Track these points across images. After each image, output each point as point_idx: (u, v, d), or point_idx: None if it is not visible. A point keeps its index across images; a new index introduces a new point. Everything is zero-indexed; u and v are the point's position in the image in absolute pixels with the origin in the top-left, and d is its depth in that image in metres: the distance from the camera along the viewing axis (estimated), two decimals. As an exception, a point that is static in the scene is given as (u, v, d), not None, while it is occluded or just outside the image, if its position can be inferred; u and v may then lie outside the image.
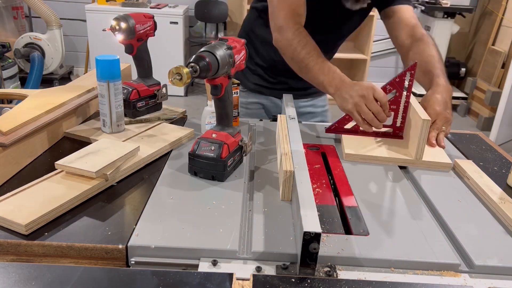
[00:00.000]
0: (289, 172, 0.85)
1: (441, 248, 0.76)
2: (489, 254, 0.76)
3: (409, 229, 0.81)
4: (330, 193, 0.93)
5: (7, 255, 0.73)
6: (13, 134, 0.94)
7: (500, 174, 1.06)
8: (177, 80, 0.80)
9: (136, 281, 0.65)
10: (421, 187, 0.98)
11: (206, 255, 0.72)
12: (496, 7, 4.19)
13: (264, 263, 0.72)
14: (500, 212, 0.88)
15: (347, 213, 0.86)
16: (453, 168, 1.08)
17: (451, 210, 0.89)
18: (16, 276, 0.64)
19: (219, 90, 0.93)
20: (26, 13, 4.35)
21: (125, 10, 3.93)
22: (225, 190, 0.91)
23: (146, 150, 1.02)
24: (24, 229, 0.74)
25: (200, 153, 0.93)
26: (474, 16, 4.53)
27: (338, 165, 1.06)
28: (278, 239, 0.76)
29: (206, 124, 1.17)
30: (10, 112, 1.04)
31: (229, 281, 0.65)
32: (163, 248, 0.73)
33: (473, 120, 4.18)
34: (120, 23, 1.12)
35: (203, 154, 0.93)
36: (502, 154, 1.20)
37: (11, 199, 0.80)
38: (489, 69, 4.10)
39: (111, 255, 0.73)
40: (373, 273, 0.71)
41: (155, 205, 0.84)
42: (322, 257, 0.71)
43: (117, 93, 1.08)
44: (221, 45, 0.89)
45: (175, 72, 0.80)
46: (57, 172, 0.90)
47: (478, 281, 0.71)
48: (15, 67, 3.60)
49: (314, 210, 0.72)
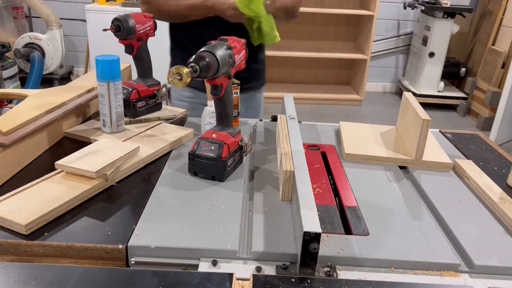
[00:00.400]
0: (289, 172, 0.85)
1: (441, 248, 0.76)
2: (489, 254, 0.76)
3: (409, 229, 0.81)
4: (330, 193, 0.93)
5: (7, 255, 0.73)
6: (13, 134, 0.94)
7: (500, 174, 1.06)
8: (177, 80, 0.80)
9: (136, 281, 0.65)
10: (421, 187, 0.98)
11: (206, 255, 0.72)
12: (496, 7, 4.19)
13: (264, 263, 0.72)
14: (500, 212, 0.88)
15: (347, 213, 0.86)
16: (453, 168, 1.08)
17: (451, 210, 0.89)
18: (16, 276, 0.64)
19: (219, 90, 0.93)
20: (26, 13, 4.35)
21: (125, 10, 3.93)
22: (225, 190, 0.91)
23: (146, 150, 1.02)
24: (24, 229, 0.74)
25: (200, 153, 0.93)
26: (474, 16, 4.53)
27: (338, 165, 1.06)
28: (278, 239, 0.76)
29: (206, 124, 1.17)
30: (10, 112, 1.04)
31: (229, 281, 0.65)
32: (163, 248, 0.73)
33: (473, 120, 4.17)
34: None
35: (203, 154, 0.93)
36: (502, 154, 1.20)
37: (11, 199, 0.80)
38: (489, 69, 4.10)
39: (111, 255, 0.73)
40: (373, 273, 0.71)
41: (155, 205, 0.84)
42: (322, 257, 0.71)
43: (117, 93, 1.08)
44: (221, 45, 0.89)
45: (175, 72, 0.80)
46: (57, 172, 0.90)
47: (478, 281, 0.71)
48: (15, 67, 3.60)
49: (314, 210, 0.72)
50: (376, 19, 4.17)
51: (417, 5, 4.26)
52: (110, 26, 1.14)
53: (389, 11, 4.60)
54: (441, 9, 4.07)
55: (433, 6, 4.08)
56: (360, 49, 4.50)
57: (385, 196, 0.93)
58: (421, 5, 4.19)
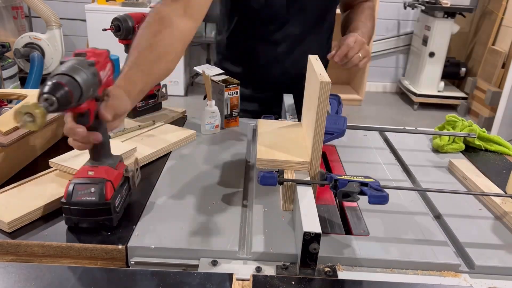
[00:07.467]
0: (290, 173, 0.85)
1: (441, 248, 0.76)
2: (489, 254, 0.76)
3: (409, 229, 0.81)
4: (330, 193, 0.93)
5: (7, 255, 0.73)
6: (13, 134, 0.94)
7: (500, 174, 1.06)
8: (29, 122, 0.59)
9: (136, 281, 0.65)
10: (421, 187, 0.98)
11: (206, 255, 0.72)
12: (496, 7, 4.18)
13: (264, 263, 0.72)
14: (500, 212, 0.88)
15: (347, 213, 0.86)
16: (449, 168, 1.08)
17: (451, 210, 0.89)
18: (16, 276, 0.64)
19: (86, 118, 0.71)
20: (26, 13, 4.35)
21: (125, 10, 3.93)
22: (225, 190, 0.91)
23: (146, 151, 1.02)
24: (7, 227, 0.73)
25: (77, 200, 0.73)
26: (474, 16, 4.53)
27: (338, 165, 1.06)
28: (278, 239, 0.75)
29: (206, 124, 1.17)
30: (10, 112, 1.04)
31: (229, 281, 0.65)
32: (163, 248, 0.73)
33: (473, 120, 4.17)
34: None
35: (82, 200, 0.73)
36: (502, 154, 1.20)
37: (0, 196, 0.81)
38: (489, 69, 4.10)
39: (111, 255, 0.73)
40: (373, 273, 0.71)
41: (155, 205, 0.84)
42: (322, 257, 0.71)
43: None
44: (81, 63, 0.67)
45: (23, 112, 0.58)
46: (51, 170, 0.90)
47: (478, 281, 0.71)
48: (15, 67, 3.59)
49: (314, 210, 0.72)
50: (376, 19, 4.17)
51: (417, 5, 4.25)
52: (110, 26, 1.14)
53: (389, 11, 4.60)
54: (441, 9, 4.07)
55: (433, 6, 4.08)
56: (360, 49, 4.50)
57: (385, 196, 0.93)
58: (421, 5, 4.19)
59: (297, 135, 0.97)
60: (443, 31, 4.14)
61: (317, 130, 0.79)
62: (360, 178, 0.78)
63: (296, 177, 0.82)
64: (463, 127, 1.17)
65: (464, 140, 1.18)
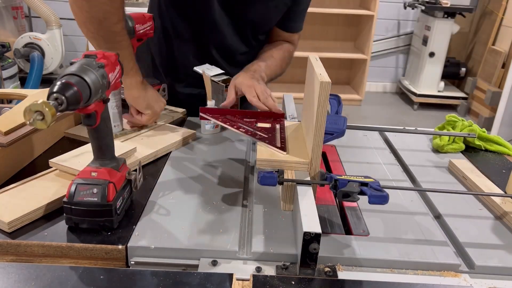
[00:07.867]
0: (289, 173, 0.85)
1: (441, 248, 0.76)
2: (489, 254, 0.76)
3: (409, 229, 0.81)
4: (330, 193, 0.93)
5: (7, 255, 0.73)
6: (12, 134, 0.94)
7: (500, 174, 1.06)
8: (39, 120, 0.59)
9: (136, 281, 0.65)
10: (421, 187, 0.98)
11: (206, 255, 0.72)
12: (496, 7, 4.19)
13: (264, 263, 0.72)
14: (500, 212, 0.88)
15: (347, 213, 0.86)
16: (450, 168, 1.08)
17: (451, 210, 0.89)
18: (16, 276, 0.64)
19: (93, 119, 0.73)
20: (26, 13, 4.35)
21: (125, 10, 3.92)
22: (225, 190, 0.91)
23: (146, 151, 1.02)
24: (7, 227, 0.73)
25: (79, 200, 0.74)
26: (474, 16, 4.53)
27: (338, 165, 1.06)
28: (278, 239, 0.75)
29: (206, 124, 1.17)
30: (10, 112, 1.04)
31: (229, 282, 0.65)
32: (163, 248, 0.73)
33: (473, 120, 4.18)
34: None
35: (84, 200, 0.74)
36: (502, 154, 1.20)
37: (0, 196, 0.81)
38: (489, 69, 4.10)
39: (111, 255, 0.73)
40: (373, 273, 0.71)
41: (155, 205, 0.84)
42: (322, 257, 0.71)
43: (114, 93, 1.08)
44: (90, 64, 0.70)
45: (33, 110, 0.59)
46: (51, 170, 0.90)
47: (478, 281, 0.71)
48: (15, 67, 3.60)
49: (314, 210, 0.72)
50: (376, 19, 4.17)
51: (417, 5, 4.26)
52: (110, 26, 1.14)
53: (389, 11, 4.60)
54: (441, 9, 4.07)
55: (433, 6, 4.09)
56: (360, 49, 4.50)
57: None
58: (421, 5, 4.19)
59: (297, 135, 0.97)
60: (443, 31, 4.14)
61: (317, 130, 0.79)
62: (360, 178, 0.78)
63: (296, 177, 0.82)
64: (463, 127, 1.17)
65: (464, 140, 1.18)
